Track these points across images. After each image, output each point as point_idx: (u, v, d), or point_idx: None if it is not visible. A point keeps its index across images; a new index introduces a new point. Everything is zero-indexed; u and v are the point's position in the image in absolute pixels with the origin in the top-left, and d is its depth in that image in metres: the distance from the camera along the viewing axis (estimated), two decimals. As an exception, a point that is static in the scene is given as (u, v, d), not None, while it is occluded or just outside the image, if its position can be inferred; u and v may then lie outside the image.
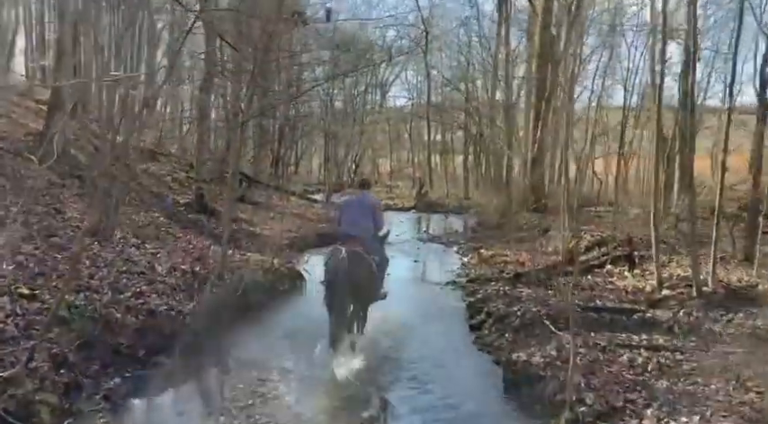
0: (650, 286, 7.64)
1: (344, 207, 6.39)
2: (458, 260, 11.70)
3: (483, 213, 20.02)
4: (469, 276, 9.55)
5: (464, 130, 28.56)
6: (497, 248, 11.77)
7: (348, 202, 6.43)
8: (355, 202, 6.27)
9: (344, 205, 6.45)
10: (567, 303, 6.58)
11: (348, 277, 5.49)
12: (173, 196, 13.49)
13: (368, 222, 5.99)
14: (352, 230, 5.92)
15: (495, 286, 8.14)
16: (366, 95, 30.70)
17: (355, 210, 6.08)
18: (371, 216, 6.03)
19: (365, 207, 6.08)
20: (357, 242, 5.76)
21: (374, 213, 6.10)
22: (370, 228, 6.03)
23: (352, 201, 6.37)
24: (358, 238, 5.81)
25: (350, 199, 6.54)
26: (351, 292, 5.65)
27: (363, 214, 6.01)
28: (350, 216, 6.05)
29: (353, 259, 5.55)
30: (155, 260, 7.23)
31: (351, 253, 5.56)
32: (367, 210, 6.05)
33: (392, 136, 40.79)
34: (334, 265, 5.62)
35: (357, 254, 5.62)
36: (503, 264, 9.72)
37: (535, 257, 9.79)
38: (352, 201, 6.37)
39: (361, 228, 5.92)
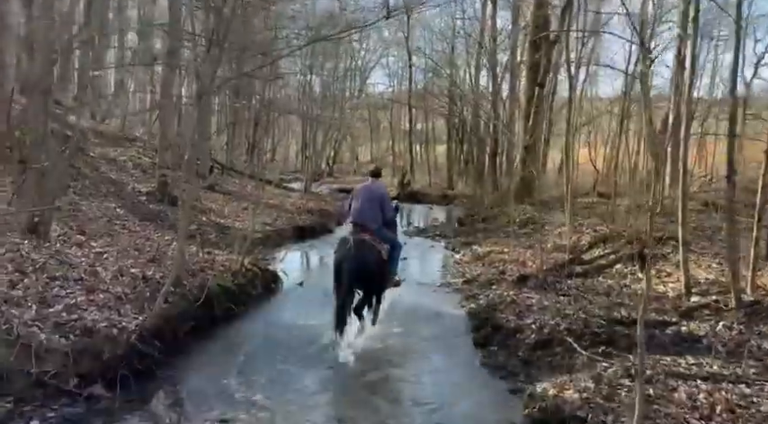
0: (674, 290, 6.73)
1: (354, 195, 6.32)
2: (449, 258, 10.72)
3: (470, 205, 19.08)
4: (465, 276, 8.56)
5: (448, 118, 27.51)
6: (492, 244, 10.80)
7: (358, 191, 6.34)
8: (365, 191, 6.22)
9: (354, 193, 6.37)
10: (588, 312, 5.65)
11: (355, 264, 5.54)
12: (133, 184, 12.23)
13: (376, 211, 6.01)
14: (360, 219, 5.98)
15: (497, 290, 7.16)
16: (345, 80, 29.43)
17: (364, 200, 6.06)
18: (380, 206, 6.05)
19: (374, 196, 6.09)
20: (366, 230, 5.87)
21: (382, 202, 6.11)
22: (379, 217, 6.02)
23: (362, 190, 6.30)
24: (366, 226, 5.90)
25: (360, 188, 6.41)
26: (358, 279, 5.67)
27: (373, 203, 6.02)
28: (359, 204, 6.05)
29: (361, 247, 5.65)
30: (99, 261, 6.07)
31: (358, 241, 5.67)
32: (376, 199, 6.07)
33: (372, 124, 39.57)
34: (341, 253, 5.69)
35: (365, 242, 5.72)
36: (501, 263, 8.74)
37: (537, 256, 8.82)
38: (362, 190, 6.30)
39: (369, 217, 5.96)
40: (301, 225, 12.89)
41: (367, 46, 32.57)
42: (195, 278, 6.45)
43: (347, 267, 5.57)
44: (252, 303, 6.97)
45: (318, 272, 9.01)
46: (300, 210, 14.82)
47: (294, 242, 11.77)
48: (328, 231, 13.63)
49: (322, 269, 9.22)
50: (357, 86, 33.80)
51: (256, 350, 5.47)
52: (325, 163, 37.45)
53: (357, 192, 6.32)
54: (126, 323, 4.95)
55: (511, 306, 6.23)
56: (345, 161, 43.93)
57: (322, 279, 8.50)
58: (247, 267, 7.46)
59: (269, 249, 10.50)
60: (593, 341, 5.08)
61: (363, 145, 46.64)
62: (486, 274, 8.22)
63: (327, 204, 17.76)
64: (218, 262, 7.30)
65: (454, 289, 8.03)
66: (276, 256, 10.00)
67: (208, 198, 14.46)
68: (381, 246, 5.93)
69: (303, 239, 12.31)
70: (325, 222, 14.28)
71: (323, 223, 13.96)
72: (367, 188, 6.28)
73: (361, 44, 31.26)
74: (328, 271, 8.95)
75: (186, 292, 6.01)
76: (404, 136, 36.84)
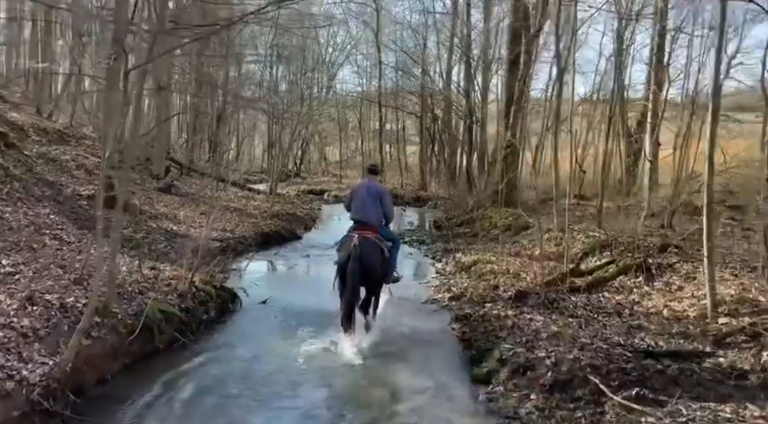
0: (694, 309, 5.88)
1: (354, 193, 6.26)
2: (430, 267, 9.73)
3: (447, 207, 18.18)
4: (451, 290, 7.57)
5: (420, 117, 26.61)
6: (477, 252, 9.87)
7: (357, 188, 6.28)
8: (364, 188, 6.16)
9: (354, 191, 6.31)
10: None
11: (360, 264, 5.53)
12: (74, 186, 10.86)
13: (377, 208, 6.02)
14: (362, 216, 5.97)
15: (492, 309, 6.18)
16: (313, 76, 28.24)
17: (365, 196, 6.03)
18: (380, 203, 6.05)
19: (374, 194, 6.07)
20: (368, 228, 5.86)
21: (383, 199, 6.10)
22: (381, 214, 6.07)
23: (361, 187, 6.24)
24: (369, 224, 5.90)
25: (359, 185, 6.34)
26: (364, 279, 5.67)
27: (373, 200, 6.02)
28: (360, 202, 6.04)
29: (365, 245, 5.63)
30: (6, 285, 4.84)
31: (363, 240, 5.64)
32: (376, 196, 6.06)
33: (341, 123, 38.42)
34: (346, 252, 5.64)
35: (369, 240, 5.71)
36: (492, 276, 7.77)
37: (532, 268, 7.90)
38: (361, 187, 6.24)
39: (371, 214, 5.97)
40: (266, 231, 11.71)
41: (334, 42, 31.48)
42: (131, 302, 5.27)
43: (353, 266, 5.50)
44: (203, 330, 5.82)
45: (285, 286, 7.90)
46: (265, 214, 13.63)
47: (258, 250, 10.60)
48: (296, 237, 12.50)
49: (289, 283, 8.13)
50: (325, 83, 32.56)
51: (205, 392, 4.35)
52: (292, 164, 36.15)
53: (357, 190, 6.23)
54: (28, 372, 3.77)
55: (514, 332, 5.25)
56: (313, 161, 42.68)
57: (289, 295, 7.43)
58: (198, 285, 6.30)
59: (228, 260, 9.33)
60: (622, 381, 4.14)
61: (332, 145, 45.46)
62: (475, 289, 7.23)
63: (295, 207, 16.60)
64: (162, 281, 6.12)
65: (441, 307, 7.02)
66: (236, 268, 8.84)
67: (162, 201, 13.16)
68: (384, 244, 5.94)
69: (268, 246, 11.16)
70: (293, 227, 13.14)
71: (290, 228, 12.81)
72: (367, 185, 6.21)
73: (327, 39, 30.19)
74: (296, 284, 7.87)
75: (117, 322, 4.83)
76: (373, 136, 35.88)
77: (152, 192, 14.02)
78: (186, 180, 19.61)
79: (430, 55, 26.79)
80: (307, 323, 6.18)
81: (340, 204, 22.30)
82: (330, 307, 6.90)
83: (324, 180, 32.50)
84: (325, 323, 6.14)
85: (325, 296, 7.36)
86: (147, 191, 14.00)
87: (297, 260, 9.98)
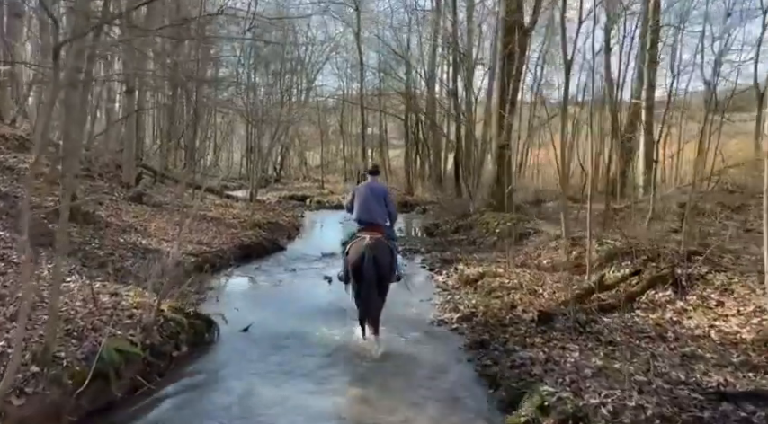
0: (751, 330, 5.08)
1: (357, 194, 6.18)
2: (429, 280, 8.84)
3: (438, 213, 17.33)
4: (459, 309, 6.68)
5: (405, 119, 25.78)
6: (479, 262, 9.02)
7: (360, 189, 6.23)
8: (368, 189, 6.13)
9: (357, 192, 6.23)
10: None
11: (375, 264, 5.51)
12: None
13: (382, 208, 6.02)
14: (368, 217, 5.96)
15: (515, 334, 5.31)
16: (293, 77, 27.27)
17: (369, 197, 6.02)
18: (384, 202, 6.05)
19: (378, 194, 6.08)
20: (376, 228, 5.87)
21: (387, 199, 6.11)
22: (385, 214, 6.06)
23: (364, 188, 6.19)
24: (375, 225, 5.91)
25: (361, 186, 6.28)
26: (379, 279, 5.59)
27: (378, 200, 6.01)
28: (364, 204, 6.01)
29: (377, 246, 5.61)
30: None
31: (375, 241, 5.62)
32: (380, 196, 6.06)
33: (322, 126, 37.41)
34: (359, 252, 5.58)
35: (380, 241, 5.71)
36: (503, 291, 6.91)
37: (544, 281, 7.06)
38: (364, 188, 6.19)
39: (377, 215, 5.96)
40: (246, 242, 10.71)
41: (312, 44, 30.48)
42: (82, 343, 4.27)
43: (368, 267, 5.47)
44: (173, 370, 4.85)
45: (269, 308, 6.94)
46: (245, 224, 12.63)
47: (238, 265, 9.62)
48: (279, 248, 11.52)
49: (273, 304, 7.17)
50: (304, 85, 31.54)
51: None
52: (272, 169, 35.03)
53: (360, 191, 6.16)
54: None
55: (550, 368, 4.37)
56: (293, 166, 41.61)
57: (274, 320, 6.47)
58: (168, 314, 5.32)
59: (205, 278, 8.34)
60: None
61: (312, 150, 44.40)
62: (488, 308, 6.34)
63: (277, 215, 15.59)
64: (124, 310, 5.12)
65: (450, 329, 6.12)
66: (214, 287, 7.85)
67: (131, 211, 12.09)
68: (392, 244, 5.97)
69: (249, 260, 10.17)
70: (276, 238, 12.15)
71: (273, 239, 11.82)
72: (370, 186, 6.17)
73: (307, 38, 29.20)
74: (282, 306, 6.89)
75: (62, 371, 3.84)
76: (355, 141, 34.95)
77: (121, 202, 12.93)
78: (160, 188, 18.50)
79: (413, 54, 26.02)
80: (296, 355, 5.26)
81: (323, 210, 21.43)
82: (323, 332, 6.00)
83: (305, 185, 31.49)
84: (317, 353, 5.23)
85: (316, 319, 6.46)
86: (116, 201, 12.92)
87: (281, 276, 9.02)
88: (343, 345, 5.62)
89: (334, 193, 26.08)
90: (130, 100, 13.84)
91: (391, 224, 6.25)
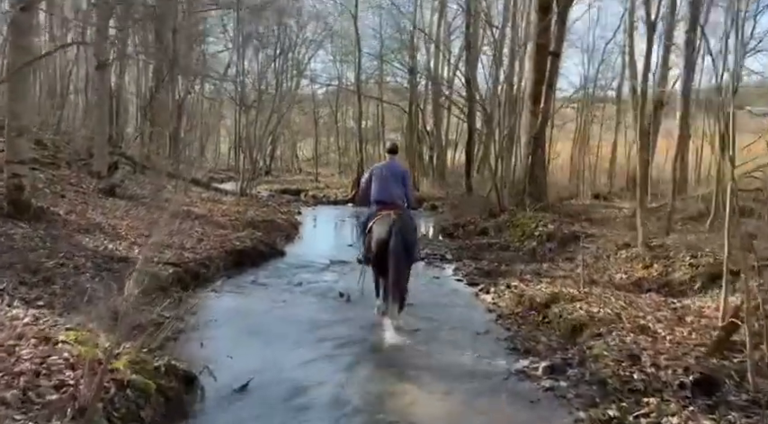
0: None
1: (375, 174, 5.98)
2: (474, 299, 6.96)
3: (452, 211, 15.48)
4: (546, 355, 4.78)
5: (409, 110, 23.86)
6: (539, 278, 7.18)
7: (379, 168, 6.03)
8: (387, 169, 5.98)
9: (375, 171, 6.02)
10: None
11: (402, 237, 5.40)
12: None
13: (400, 188, 5.88)
14: (386, 197, 5.81)
15: (660, 410, 3.44)
16: (286, 59, 25.22)
17: (388, 177, 5.87)
18: (403, 183, 5.90)
19: (397, 174, 5.93)
20: (396, 207, 5.71)
21: (405, 179, 5.98)
22: (403, 195, 5.90)
23: (383, 168, 6.01)
24: (394, 205, 5.75)
25: (380, 166, 6.05)
26: (405, 253, 5.46)
27: (396, 180, 5.86)
28: (382, 183, 5.86)
29: (403, 219, 5.56)
30: None
31: (398, 215, 5.55)
32: (398, 176, 5.92)
33: (315, 116, 35.32)
34: (386, 227, 5.44)
35: (406, 215, 5.73)
36: (595, 326, 5.02)
37: (650, 312, 5.19)
38: (383, 168, 6.01)
39: (395, 195, 5.82)
40: (239, 247, 8.74)
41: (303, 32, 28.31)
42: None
43: (396, 240, 5.32)
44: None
45: (275, 346, 5.03)
46: (237, 223, 10.66)
47: (228, 276, 7.68)
48: (278, 253, 9.56)
49: (280, 338, 5.24)
50: (294, 72, 29.41)
51: None
52: (262, 161, 33.04)
53: (378, 171, 6.00)
54: None
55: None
56: (285, 158, 39.56)
57: (284, 365, 4.58)
58: (124, 376, 3.38)
59: (185, 295, 6.40)
60: None
61: (303, 141, 42.33)
62: (597, 357, 4.45)
63: (271, 212, 13.64)
64: (52, 373, 3.18)
65: (542, 388, 4.22)
66: (193, 312, 5.89)
67: (101, 206, 10.11)
68: (413, 223, 5.90)
69: (242, 269, 8.23)
70: (273, 240, 10.20)
71: (269, 241, 9.85)
72: (389, 165, 6.04)
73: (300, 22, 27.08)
74: (292, 344, 5.04)
75: None
76: (349, 135, 32.93)
77: (90, 195, 10.92)
78: (139, 179, 16.48)
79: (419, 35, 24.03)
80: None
81: (321, 206, 19.43)
82: (356, 386, 4.14)
83: (298, 178, 29.51)
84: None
85: (341, 362, 4.61)
86: (84, 194, 10.90)
87: (284, 292, 7.09)
88: (391, 407, 3.77)
89: (330, 187, 24.14)
90: (103, 76, 11.77)
91: (409, 207, 6.01)
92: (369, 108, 31.12)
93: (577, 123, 25.23)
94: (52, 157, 12.77)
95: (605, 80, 25.32)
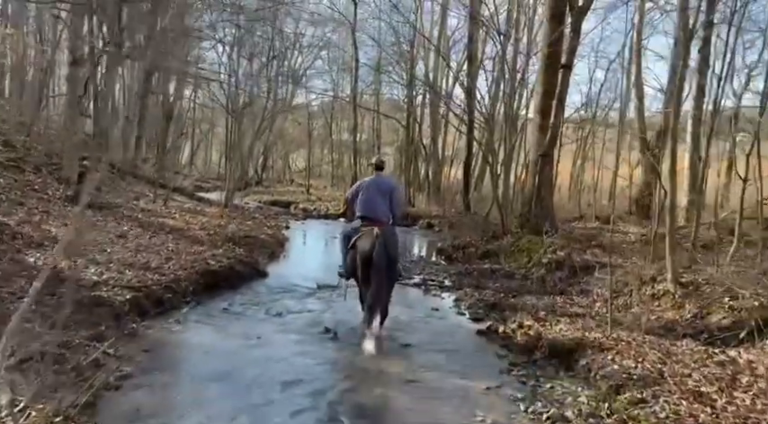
0: None
1: (362, 188, 5.98)
2: (479, 338, 6.00)
3: (449, 230, 14.57)
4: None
5: (407, 124, 23.04)
6: (555, 316, 6.24)
7: (366, 183, 6.02)
8: (374, 184, 5.97)
9: (362, 186, 6.02)
10: None
11: (386, 251, 5.44)
12: None
13: (386, 204, 5.88)
14: (369, 212, 5.81)
15: None
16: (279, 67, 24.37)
17: (375, 192, 5.88)
18: (390, 199, 5.91)
19: (385, 190, 5.94)
20: (379, 223, 5.69)
21: (393, 195, 5.98)
22: (388, 211, 5.89)
23: (370, 183, 5.99)
24: (377, 220, 5.73)
25: (367, 181, 6.04)
26: (388, 267, 5.49)
27: (383, 196, 5.88)
28: (368, 199, 5.86)
29: (387, 233, 5.58)
30: None
31: (382, 229, 5.57)
32: (386, 192, 5.92)
33: (309, 127, 34.45)
34: (370, 241, 5.46)
35: (390, 230, 5.73)
36: (636, 388, 4.10)
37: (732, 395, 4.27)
38: (370, 183, 5.99)
39: (379, 211, 5.81)
40: (213, 266, 7.75)
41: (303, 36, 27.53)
42: None
43: (380, 253, 5.37)
44: None
45: (240, 401, 4.04)
46: (215, 238, 9.68)
47: (199, 301, 6.69)
48: (259, 274, 8.57)
49: (250, 396, 4.24)
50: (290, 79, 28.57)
51: None
52: (253, 171, 32.08)
53: (365, 186, 5.97)
54: None
55: None
56: (276, 169, 38.62)
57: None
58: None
59: (143, 326, 5.41)
60: None
61: (296, 153, 41.43)
62: (616, 422, 3.52)
63: (257, 225, 12.67)
64: None
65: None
66: (147, 349, 4.90)
67: (64, 216, 9.12)
68: (397, 237, 5.88)
69: (216, 292, 7.25)
70: (254, 257, 9.21)
71: (250, 260, 8.86)
72: (376, 181, 6.01)
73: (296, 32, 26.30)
74: (267, 400, 4.08)
75: None
76: (343, 148, 32.06)
77: (54, 203, 9.94)
78: (121, 186, 15.53)
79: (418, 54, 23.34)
80: None
81: (311, 220, 18.44)
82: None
83: (289, 190, 28.51)
84: None
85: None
86: (49, 202, 9.92)
87: (261, 323, 6.10)
88: None
89: (322, 199, 23.19)
90: (76, 74, 10.82)
91: (394, 222, 6.00)
92: (365, 121, 30.33)
93: (578, 142, 24.54)
94: (19, 160, 11.77)
95: (607, 99, 24.70)
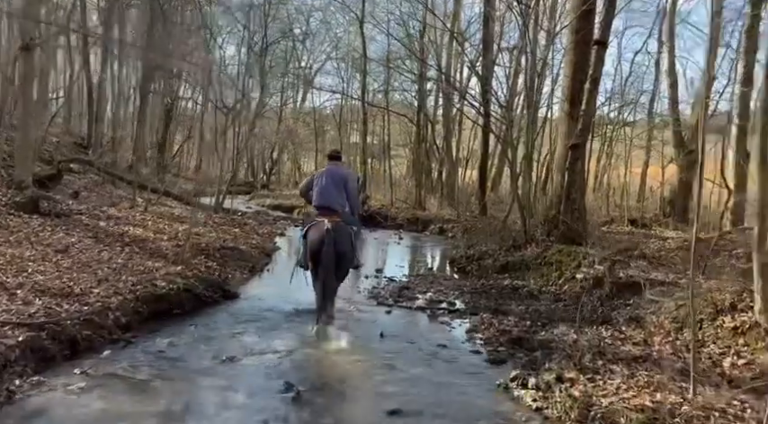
0: None
1: (316, 179, 6.02)
2: (501, 394, 4.29)
3: (463, 236, 12.89)
4: None
5: (417, 121, 21.42)
6: (604, 365, 4.54)
7: (319, 175, 6.06)
8: (327, 175, 5.97)
9: (315, 178, 6.09)
10: None
11: (335, 248, 5.49)
12: None
13: (341, 194, 5.88)
14: (323, 202, 5.85)
15: None
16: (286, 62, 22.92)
17: (328, 182, 5.88)
18: (345, 190, 5.91)
19: (338, 180, 5.92)
20: (332, 213, 5.74)
21: (347, 185, 5.96)
22: (343, 200, 5.90)
23: (324, 174, 6.02)
24: (331, 210, 5.77)
25: (321, 172, 6.09)
26: (337, 263, 5.57)
27: (336, 186, 5.87)
28: (322, 189, 5.88)
29: (338, 230, 5.58)
30: None
31: (334, 224, 5.58)
32: (340, 182, 5.91)
33: (318, 130, 33.02)
34: (319, 237, 5.52)
35: (340, 225, 5.67)
36: None
37: None
38: (324, 174, 6.02)
39: (333, 200, 5.83)
40: (162, 289, 6.13)
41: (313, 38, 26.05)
42: None
43: (328, 250, 5.44)
44: None
45: None
46: (185, 251, 8.11)
47: (130, 338, 5.09)
48: (226, 296, 6.94)
49: None
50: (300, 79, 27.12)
51: None
52: (262, 173, 30.89)
53: (319, 176, 6.02)
54: None
55: None
56: (286, 172, 37.29)
57: None
58: None
59: (30, 382, 3.84)
60: None
61: (306, 156, 39.99)
62: None
63: (244, 233, 11.12)
64: None
65: None
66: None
67: (4, 227, 7.64)
68: (351, 229, 5.84)
69: (161, 323, 5.66)
70: (225, 274, 7.62)
71: (217, 278, 7.27)
72: (330, 171, 5.99)
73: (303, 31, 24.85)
74: None
75: None
76: (354, 151, 30.57)
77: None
78: (105, 190, 14.24)
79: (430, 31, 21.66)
80: None
81: (312, 226, 16.96)
82: None
83: (295, 193, 27.04)
84: None
85: None
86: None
87: (198, 380, 4.38)
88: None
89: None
90: (27, 61, 9.36)
91: (353, 213, 6.00)
92: (375, 123, 28.80)
93: (603, 138, 22.78)
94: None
95: (633, 93, 22.88)
